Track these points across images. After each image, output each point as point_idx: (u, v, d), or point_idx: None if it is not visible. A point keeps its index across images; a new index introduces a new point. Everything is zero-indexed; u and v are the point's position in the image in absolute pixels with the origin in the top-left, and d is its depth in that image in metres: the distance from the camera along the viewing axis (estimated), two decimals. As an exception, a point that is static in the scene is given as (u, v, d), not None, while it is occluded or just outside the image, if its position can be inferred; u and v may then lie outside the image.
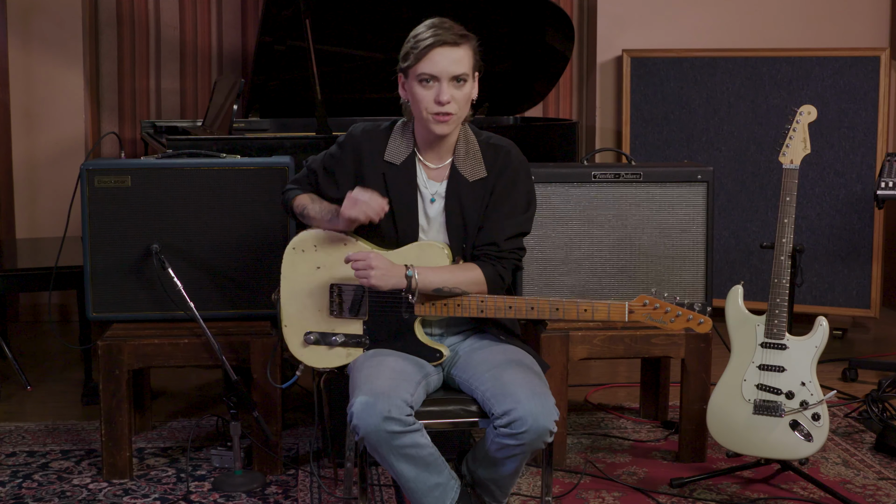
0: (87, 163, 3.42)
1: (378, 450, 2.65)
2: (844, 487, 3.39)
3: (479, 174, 2.86)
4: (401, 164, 2.87)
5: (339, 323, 2.90)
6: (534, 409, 2.61)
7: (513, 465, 2.75)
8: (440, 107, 2.74)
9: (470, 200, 2.85)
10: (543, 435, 2.64)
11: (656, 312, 2.77)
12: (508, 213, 2.87)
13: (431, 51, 2.72)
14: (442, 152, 2.88)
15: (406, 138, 2.89)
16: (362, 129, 2.93)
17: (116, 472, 3.43)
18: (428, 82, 2.74)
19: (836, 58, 5.01)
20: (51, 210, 5.44)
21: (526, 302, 2.79)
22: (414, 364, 2.81)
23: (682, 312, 2.77)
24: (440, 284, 2.77)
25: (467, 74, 2.76)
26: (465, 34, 2.77)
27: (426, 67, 2.73)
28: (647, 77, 5.34)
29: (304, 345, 2.91)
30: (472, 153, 2.87)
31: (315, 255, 2.91)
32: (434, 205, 2.88)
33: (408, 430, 2.64)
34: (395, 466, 2.68)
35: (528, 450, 2.67)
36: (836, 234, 5.08)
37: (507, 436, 2.64)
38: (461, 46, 2.74)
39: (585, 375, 4.60)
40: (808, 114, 3.25)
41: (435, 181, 2.89)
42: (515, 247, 2.89)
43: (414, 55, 2.74)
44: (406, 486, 2.72)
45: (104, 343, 3.38)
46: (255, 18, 5.62)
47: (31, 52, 5.42)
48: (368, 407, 2.60)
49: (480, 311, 2.81)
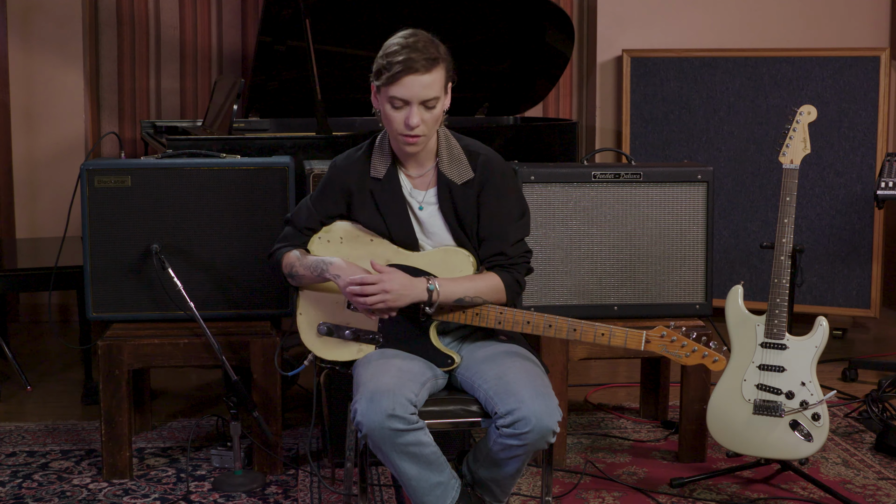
0: (87, 163, 3.42)
1: (381, 447, 2.65)
2: (844, 487, 3.39)
3: (466, 176, 2.87)
4: (384, 177, 2.88)
5: (354, 317, 2.89)
6: (537, 409, 2.61)
7: (514, 465, 2.75)
8: (409, 129, 2.76)
9: (462, 202, 2.87)
10: (546, 435, 2.64)
11: (673, 345, 2.79)
12: (506, 221, 2.89)
13: (402, 78, 2.71)
14: (421, 159, 2.89)
15: (385, 152, 2.90)
16: (344, 157, 2.96)
17: (116, 472, 3.43)
18: (398, 106, 2.75)
19: (836, 58, 5.01)
20: (51, 210, 5.44)
21: (545, 319, 2.80)
22: (421, 364, 2.81)
23: (699, 348, 2.79)
24: (462, 294, 2.79)
25: (437, 98, 2.76)
26: (435, 57, 2.73)
27: (396, 92, 2.73)
28: (647, 77, 5.34)
29: (317, 335, 2.91)
30: (455, 155, 2.89)
31: (340, 248, 2.91)
32: (423, 212, 2.89)
33: (411, 429, 2.64)
34: (398, 464, 2.67)
35: (530, 450, 2.67)
36: (836, 234, 5.08)
37: (509, 436, 2.64)
38: (432, 71, 2.73)
39: (585, 375, 4.61)
40: (808, 114, 3.25)
41: (420, 189, 2.90)
42: (522, 251, 2.92)
43: (385, 77, 2.74)
44: (407, 485, 2.72)
45: (104, 343, 3.38)
46: (255, 18, 5.62)
47: (31, 52, 5.42)
48: (373, 404, 2.61)
49: (498, 323, 2.82)
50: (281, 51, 4.81)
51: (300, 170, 3.88)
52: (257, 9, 5.58)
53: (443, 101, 2.79)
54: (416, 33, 2.77)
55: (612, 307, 3.59)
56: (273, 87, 4.98)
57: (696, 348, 2.79)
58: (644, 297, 3.60)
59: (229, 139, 4.20)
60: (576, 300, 3.59)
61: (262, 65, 4.83)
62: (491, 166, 2.89)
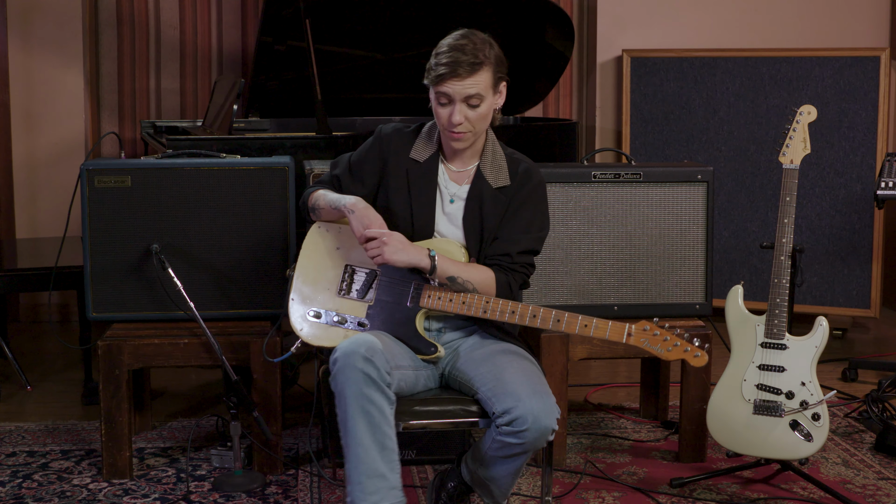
0: (87, 163, 3.42)
1: (344, 390, 2.64)
2: (844, 487, 3.39)
3: (502, 182, 2.92)
4: (424, 161, 2.94)
5: (344, 303, 2.92)
6: (535, 408, 2.62)
7: (513, 464, 2.75)
8: (453, 126, 2.82)
9: (490, 206, 2.90)
10: (545, 433, 2.64)
11: (655, 339, 2.78)
12: (525, 228, 2.92)
13: (444, 81, 2.77)
14: (466, 157, 2.94)
15: (432, 140, 2.96)
16: (392, 128, 3.00)
17: (116, 472, 3.43)
18: (444, 103, 2.81)
19: (836, 58, 5.01)
20: (51, 210, 5.44)
21: (529, 309, 2.81)
22: (403, 351, 2.83)
23: (681, 343, 2.78)
24: (455, 274, 2.81)
25: (482, 96, 2.80)
26: (480, 61, 2.78)
27: (441, 89, 2.79)
28: (647, 77, 5.34)
29: (305, 319, 2.93)
30: (498, 161, 2.94)
31: (338, 236, 2.97)
32: (453, 205, 2.93)
33: (380, 389, 2.64)
34: (352, 419, 2.64)
35: (529, 448, 2.68)
36: (836, 234, 5.08)
37: (508, 434, 2.64)
38: (475, 74, 2.78)
39: (585, 375, 4.60)
40: (808, 114, 3.25)
41: (456, 183, 2.95)
42: (526, 262, 2.94)
43: (432, 76, 2.80)
44: (349, 451, 2.66)
45: (104, 343, 3.38)
46: (255, 18, 5.62)
47: (31, 52, 5.42)
48: (353, 344, 2.65)
49: (484, 312, 2.82)
50: (281, 51, 4.81)
51: (300, 170, 3.88)
52: (257, 9, 5.58)
53: (491, 101, 2.84)
54: (467, 35, 2.82)
55: (612, 307, 3.60)
56: (273, 87, 4.98)
57: (678, 343, 2.78)
58: (644, 297, 3.60)
59: (229, 139, 4.20)
60: (576, 300, 3.59)
61: (262, 65, 4.84)
62: (529, 176, 2.94)
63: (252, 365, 3.42)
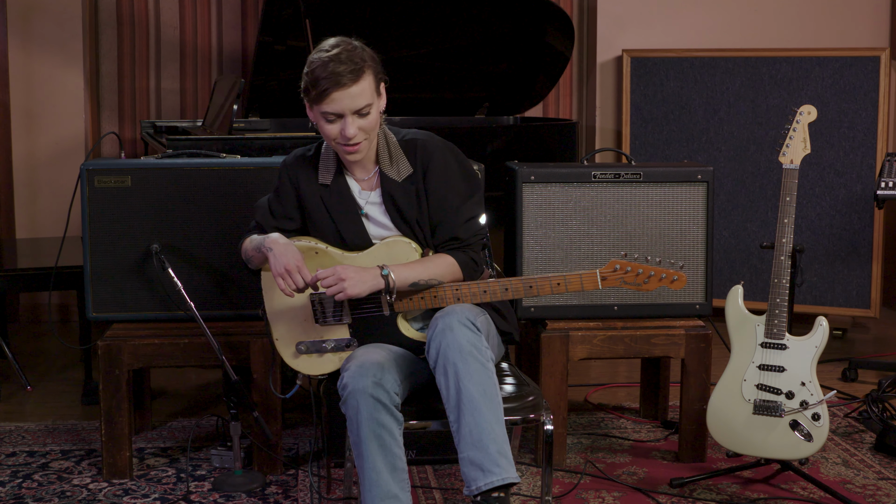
0: (87, 163, 3.42)
1: (357, 415, 2.65)
2: (844, 487, 3.39)
3: (405, 172, 2.90)
4: (332, 183, 2.92)
5: (326, 330, 2.92)
6: (444, 324, 2.66)
7: (471, 389, 2.64)
8: (347, 140, 2.78)
9: (405, 200, 2.89)
10: (458, 335, 2.64)
11: (629, 275, 2.77)
12: (454, 204, 2.89)
13: (330, 93, 2.72)
14: (366, 163, 2.92)
15: (330, 159, 2.94)
16: (293, 157, 2.99)
17: (116, 472, 3.43)
18: (331, 120, 2.77)
19: (835, 58, 5.01)
20: (51, 210, 5.44)
21: (500, 284, 2.81)
22: (402, 357, 2.83)
23: (655, 272, 2.77)
24: (416, 279, 2.81)
25: (370, 104, 2.77)
26: (360, 66, 2.73)
27: (327, 108, 2.75)
28: (647, 77, 5.34)
29: (297, 355, 2.94)
30: (395, 154, 2.91)
31: None
32: (375, 211, 2.92)
33: (390, 412, 2.66)
34: (364, 444, 2.66)
35: (454, 359, 2.64)
36: (836, 234, 5.08)
37: (434, 361, 2.67)
38: (359, 81, 2.73)
39: (585, 375, 4.60)
40: (808, 114, 3.25)
41: (368, 190, 2.94)
42: (474, 231, 2.92)
43: (314, 94, 2.75)
44: (364, 475, 2.68)
45: (104, 343, 3.38)
46: (255, 18, 5.62)
47: (31, 52, 5.42)
48: (362, 369, 2.65)
49: (457, 299, 2.82)
50: (281, 51, 4.81)
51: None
52: (257, 9, 5.59)
53: (377, 105, 2.81)
54: (339, 43, 2.77)
55: (612, 307, 3.59)
56: (273, 86, 4.98)
57: (652, 272, 2.77)
58: (644, 297, 3.60)
59: (229, 139, 4.20)
60: (575, 300, 3.59)
61: (263, 65, 4.84)
62: (428, 151, 2.90)
63: (252, 365, 3.42)
